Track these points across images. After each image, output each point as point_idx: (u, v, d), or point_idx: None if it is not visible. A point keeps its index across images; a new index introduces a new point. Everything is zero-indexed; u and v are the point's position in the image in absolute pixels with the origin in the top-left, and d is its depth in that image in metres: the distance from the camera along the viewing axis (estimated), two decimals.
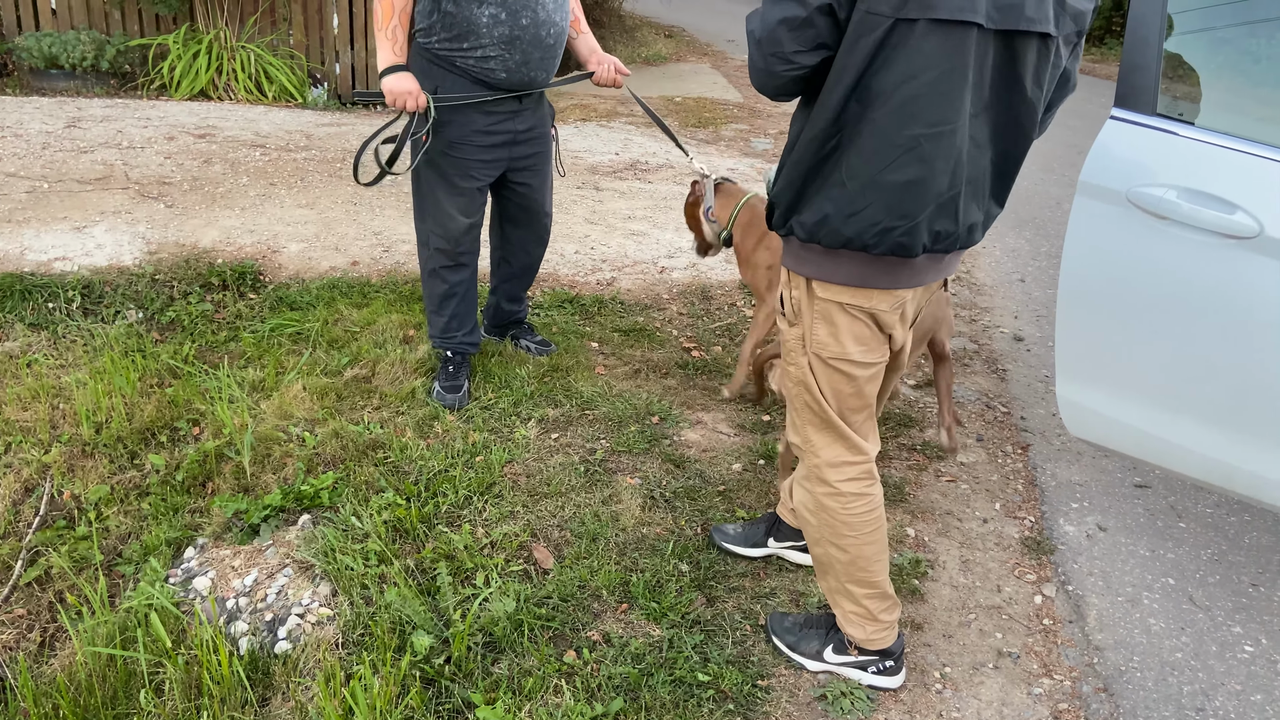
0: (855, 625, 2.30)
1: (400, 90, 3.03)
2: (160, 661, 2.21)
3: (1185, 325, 2.44)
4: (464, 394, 3.44)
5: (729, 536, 2.74)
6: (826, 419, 2.15)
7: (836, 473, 2.19)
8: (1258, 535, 3.11)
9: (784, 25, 1.78)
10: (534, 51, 3.10)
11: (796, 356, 2.14)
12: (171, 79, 7.53)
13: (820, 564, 2.32)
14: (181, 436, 3.13)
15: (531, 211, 3.53)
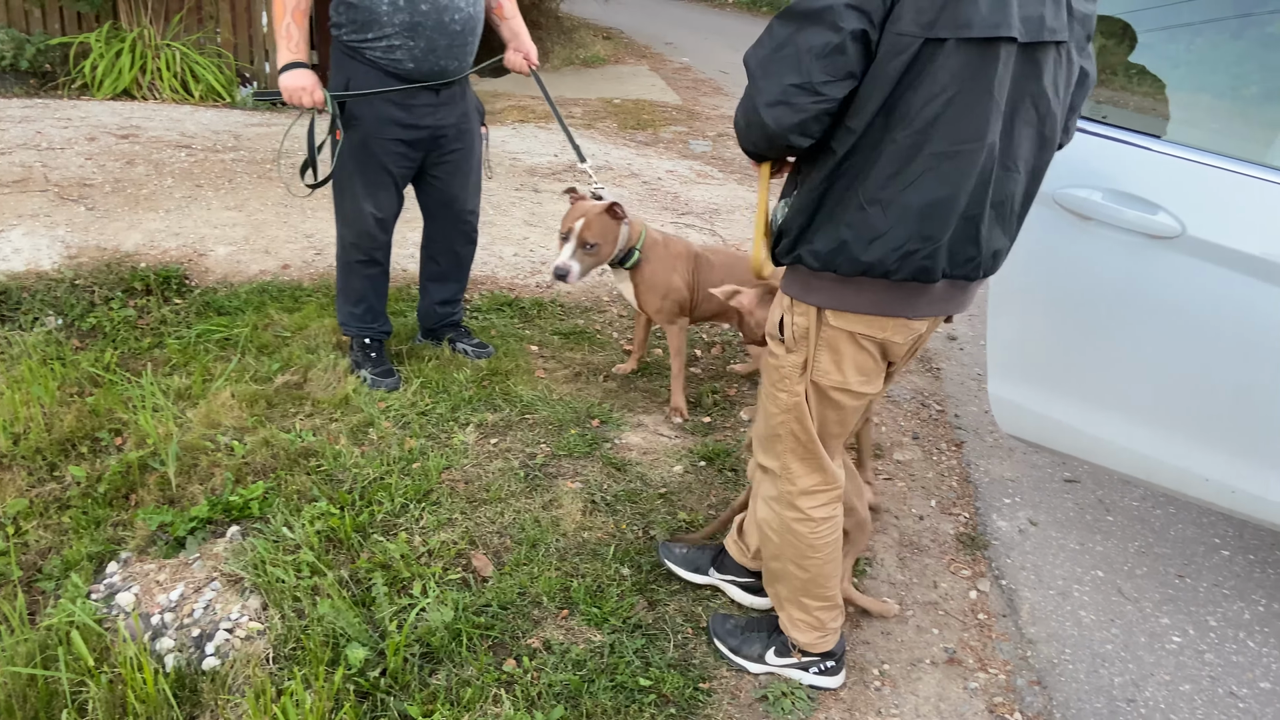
0: (802, 631, 2.31)
1: (294, 87, 3.00)
2: (83, 681, 2.13)
3: (1111, 324, 2.50)
4: (397, 376, 3.49)
5: (674, 557, 2.67)
6: (810, 448, 2.11)
7: (810, 500, 2.17)
8: (1183, 528, 3.20)
9: (812, 54, 1.68)
10: (439, 39, 3.07)
11: (791, 384, 2.07)
12: (93, 78, 7.30)
13: (774, 575, 2.31)
14: (103, 447, 3.02)
15: (453, 209, 3.50)
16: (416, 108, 3.17)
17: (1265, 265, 2.26)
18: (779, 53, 1.72)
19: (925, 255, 1.83)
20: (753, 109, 1.77)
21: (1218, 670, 2.57)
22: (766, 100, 1.74)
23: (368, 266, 3.43)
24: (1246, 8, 3.01)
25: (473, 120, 3.39)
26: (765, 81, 1.73)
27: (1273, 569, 3.02)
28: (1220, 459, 2.44)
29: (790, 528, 2.20)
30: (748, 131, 1.84)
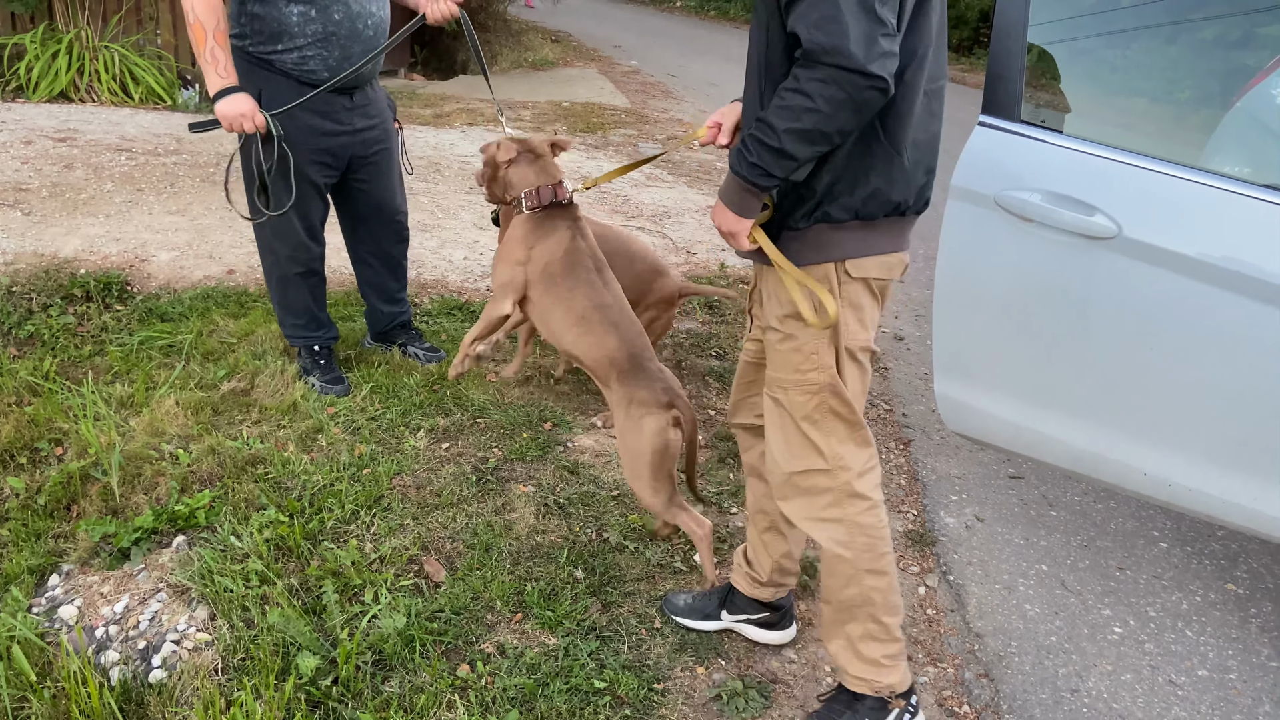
0: (889, 667, 2.10)
1: (234, 114, 2.91)
2: (25, 696, 2.08)
3: (1051, 323, 2.56)
4: (347, 382, 3.47)
5: (679, 610, 2.54)
6: (854, 420, 2.01)
7: (866, 481, 2.03)
8: (1123, 521, 3.28)
9: (881, 4, 1.64)
10: (353, 46, 3.03)
11: (820, 358, 1.96)
12: (29, 80, 7.12)
13: (847, 607, 2.08)
14: (43, 457, 2.95)
15: (382, 210, 3.46)
16: (335, 114, 3.12)
17: (1199, 265, 2.33)
18: (853, 9, 1.62)
19: (929, 186, 1.95)
20: (854, 75, 1.62)
21: (1158, 659, 2.64)
22: (868, 55, 1.61)
23: (307, 278, 3.39)
24: (1180, 14, 3.10)
25: (388, 119, 3.36)
26: (857, 45, 1.61)
27: (1209, 560, 3.11)
28: (1157, 454, 2.51)
29: (860, 524, 2.02)
30: (844, 109, 1.66)
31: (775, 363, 2.04)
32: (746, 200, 1.84)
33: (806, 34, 1.64)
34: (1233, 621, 2.83)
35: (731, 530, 2.95)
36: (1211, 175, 2.37)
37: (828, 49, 1.62)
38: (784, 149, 1.71)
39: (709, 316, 4.55)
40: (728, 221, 1.89)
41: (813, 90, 1.65)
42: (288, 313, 3.45)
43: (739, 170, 1.80)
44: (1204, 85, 3.23)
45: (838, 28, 1.62)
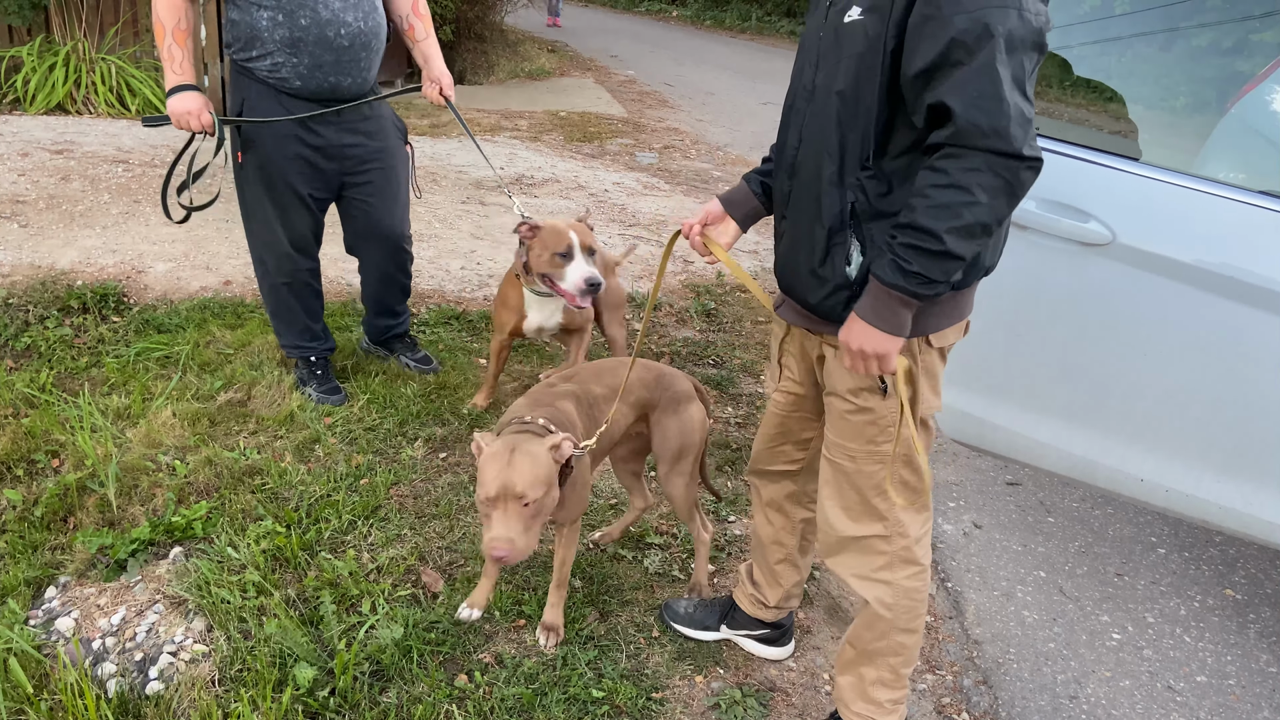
0: (895, 710, 2.11)
1: (180, 111, 2.93)
2: (22, 709, 2.07)
3: (1048, 329, 2.56)
4: (343, 393, 3.46)
5: (678, 616, 2.53)
6: (921, 489, 1.93)
7: (921, 547, 1.97)
8: (1121, 527, 3.28)
9: (1027, 77, 1.56)
10: (323, 54, 2.97)
11: (895, 431, 1.86)
12: (26, 93, 7.12)
13: (869, 656, 2.07)
14: (40, 469, 2.95)
15: (379, 232, 3.37)
16: (315, 125, 3.07)
17: (1194, 271, 2.34)
18: (1011, 87, 1.53)
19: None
20: (1013, 160, 1.53)
21: (1156, 665, 2.64)
22: (1025, 138, 1.53)
23: (294, 290, 3.35)
24: (1174, 22, 3.12)
25: (389, 138, 3.27)
26: (1017, 126, 1.52)
27: (1207, 565, 3.11)
28: (1154, 459, 2.51)
29: (906, 588, 1.98)
30: (1004, 196, 1.55)
31: (843, 431, 1.92)
32: (901, 315, 1.66)
33: (963, 110, 1.52)
34: (1231, 627, 2.83)
35: (730, 539, 2.95)
36: (1206, 181, 2.38)
37: (987, 131, 1.51)
38: (949, 250, 1.56)
39: (706, 325, 4.56)
40: (877, 343, 1.68)
41: (969, 182, 1.53)
42: (281, 323, 3.44)
43: (896, 283, 1.61)
44: (1199, 92, 3.25)
45: (1000, 107, 1.51)
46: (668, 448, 2.51)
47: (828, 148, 1.74)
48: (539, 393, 2.36)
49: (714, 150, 8.50)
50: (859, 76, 1.67)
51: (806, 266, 1.83)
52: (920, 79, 1.58)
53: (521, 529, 1.99)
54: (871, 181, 1.71)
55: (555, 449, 2.04)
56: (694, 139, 8.87)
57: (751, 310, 4.81)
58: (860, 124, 1.70)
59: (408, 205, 3.46)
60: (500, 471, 1.99)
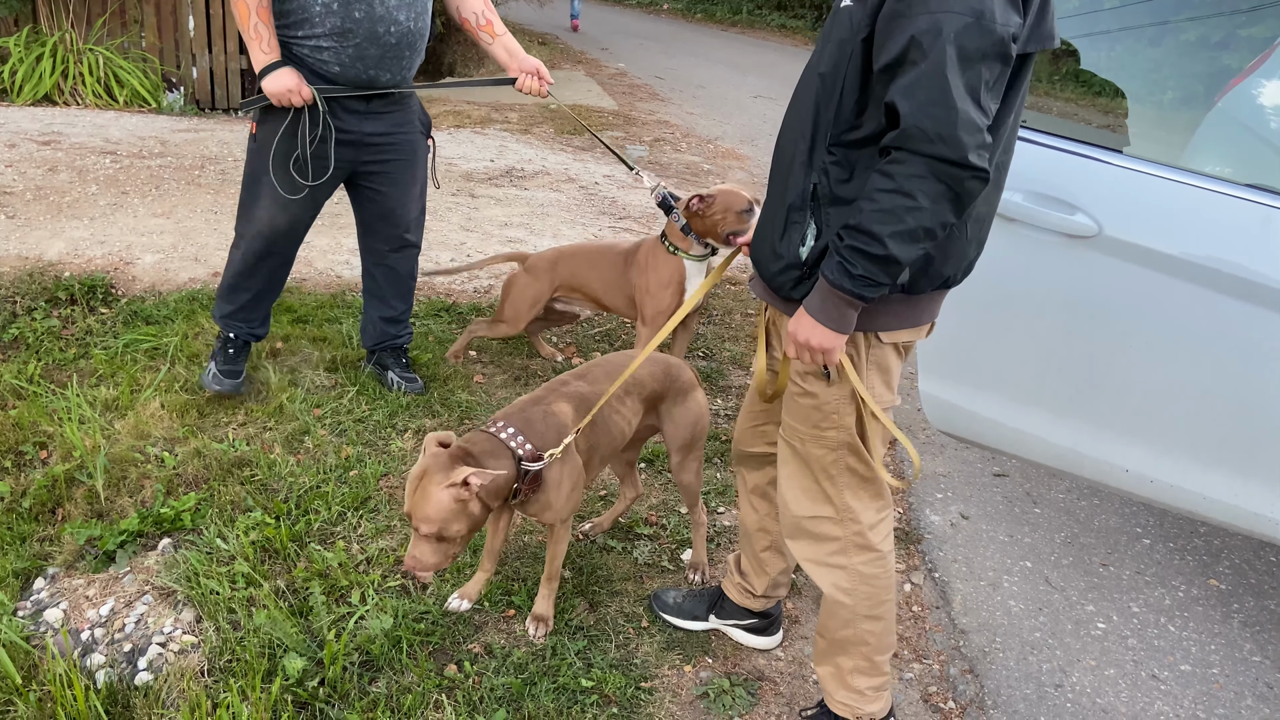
0: (875, 698, 2.12)
1: (281, 90, 2.90)
2: (10, 700, 2.07)
3: (1035, 322, 2.58)
4: (242, 379, 3.33)
5: (667, 607, 2.54)
6: (869, 476, 1.96)
7: (877, 533, 2.00)
8: (1106, 518, 3.31)
9: (987, 87, 1.55)
10: (369, 49, 2.96)
11: (840, 418, 1.90)
12: (13, 83, 7.08)
13: (840, 645, 2.09)
14: (28, 461, 2.94)
15: (390, 222, 3.33)
16: (343, 112, 3.05)
17: (1180, 264, 2.36)
18: (962, 95, 1.52)
19: (977, 259, 1.88)
20: (956, 168, 1.53)
21: (1140, 655, 2.67)
22: (972, 147, 1.53)
23: (269, 259, 3.24)
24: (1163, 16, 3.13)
25: (412, 131, 3.25)
26: (965, 133, 1.52)
27: (1191, 556, 3.14)
28: (1139, 450, 2.53)
29: (863, 574, 2.01)
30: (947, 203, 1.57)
31: (793, 413, 1.98)
32: (847, 315, 1.70)
33: (910, 114, 1.52)
34: (1215, 616, 2.85)
35: (720, 529, 2.96)
36: (1193, 175, 2.40)
37: (932, 136, 1.51)
38: (890, 255, 1.59)
39: (697, 318, 4.56)
40: (821, 338, 1.72)
41: (913, 188, 1.55)
42: (230, 290, 3.28)
43: (841, 285, 1.65)
44: (1186, 86, 3.26)
45: (947, 115, 1.50)
46: (679, 437, 2.54)
47: (803, 128, 1.77)
48: (543, 392, 2.36)
49: (705, 143, 8.50)
50: (837, 61, 1.69)
51: (769, 240, 1.86)
52: (884, 74, 1.60)
53: (428, 550, 2.08)
54: (835, 166, 1.73)
55: (458, 485, 2.04)
56: (685, 132, 8.87)
57: (741, 303, 4.82)
58: (832, 108, 1.72)
59: (422, 199, 3.41)
60: (409, 495, 2.08)
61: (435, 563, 2.09)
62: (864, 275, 1.63)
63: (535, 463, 2.16)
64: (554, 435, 2.24)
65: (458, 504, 2.05)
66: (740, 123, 9.61)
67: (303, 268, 4.54)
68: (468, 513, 2.07)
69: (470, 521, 2.09)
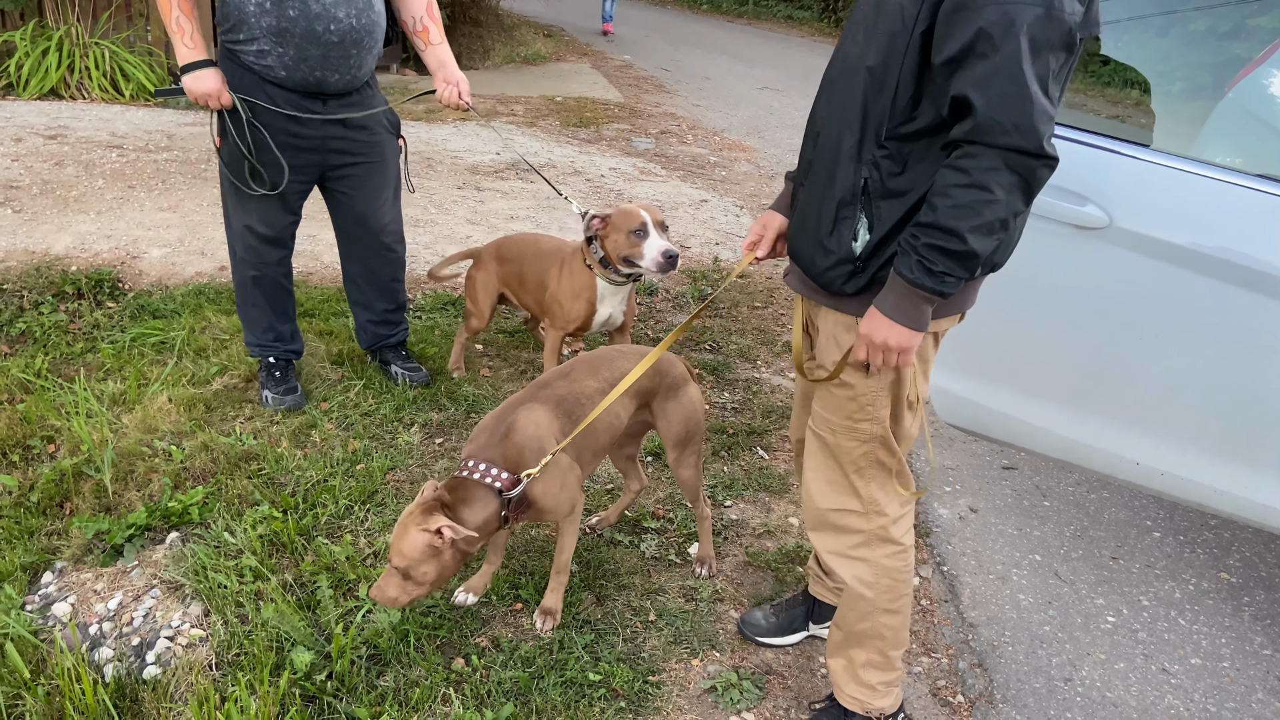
0: (885, 693, 2.13)
1: (199, 92, 2.86)
2: (19, 694, 2.08)
3: (1044, 314, 2.56)
4: (300, 394, 3.32)
5: (761, 630, 2.48)
6: (900, 470, 1.97)
7: (900, 526, 2.01)
8: (1116, 511, 3.29)
9: (1053, 77, 1.56)
10: (310, 49, 2.86)
11: (875, 410, 1.89)
12: (19, 78, 7.08)
13: (856, 639, 2.09)
14: (35, 455, 2.94)
15: (364, 225, 3.27)
16: (300, 118, 2.97)
17: (1190, 255, 2.34)
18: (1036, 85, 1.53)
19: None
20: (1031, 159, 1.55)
21: (1150, 648, 2.65)
22: (1045, 136, 1.55)
23: (262, 284, 3.24)
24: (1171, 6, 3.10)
25: (377, 133, 3.16)
26: (1041, 124, 1.54)
27: (1202, 549, 3.12)
28: (1149, 443, 2.51)
29: (885, 567, 2.01)
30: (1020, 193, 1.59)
31: (826, 405, 1.95)
32: (924, 312, 1.69)
33: (985, 106, 1.53)
34: (1226, 610, 2.84)
35: (726, 523, 2.95)
36: (1203, 165, 2.38)
37: (1009, 127, 1.53)
38: (971, 250, 1.60)
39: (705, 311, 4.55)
40: (899, 337, 1.71)
41: (988, 181, 1.56)
42: (247, 319, 3.33)
43: (922, 283, 1.64)
44: (1195, 76, 3.24)
45: (1024, 106, 1.52)
46: (673, 433, 2.52)
47: (850, 122, 1.74)
48: (522, 396, 2.35)
49: (711, 135, 8.48)
50: (889, 54, 1.67)
51: (815, 236, 1.83)
52: (946, 67, 1.59)
53: (396, 583, 2.11)
54: (886, 160, 1.72)
55: (432, 532, 2.07)
56: (691, 124, 8.84)
57: (748, 295, 4.81)
58: (882, 101, 1.70)
59: (397, 201, 3.34)
60: (394, 532, 2.11)
61: (394, 597, 2.11)
62: (945, 272, 1.63)
63: (515, 488, 2.17)
64: (532, 447, 2.22)
65: (429, 549, 2.07)
66: (747, 115, 9.58)
67: (309, 262, 4.54)
68: (440, 559, 2.09)
69: (440, 568, 2.11)
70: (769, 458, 3.37)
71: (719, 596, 2.63)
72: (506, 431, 2.23)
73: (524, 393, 2.36)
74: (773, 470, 3.26)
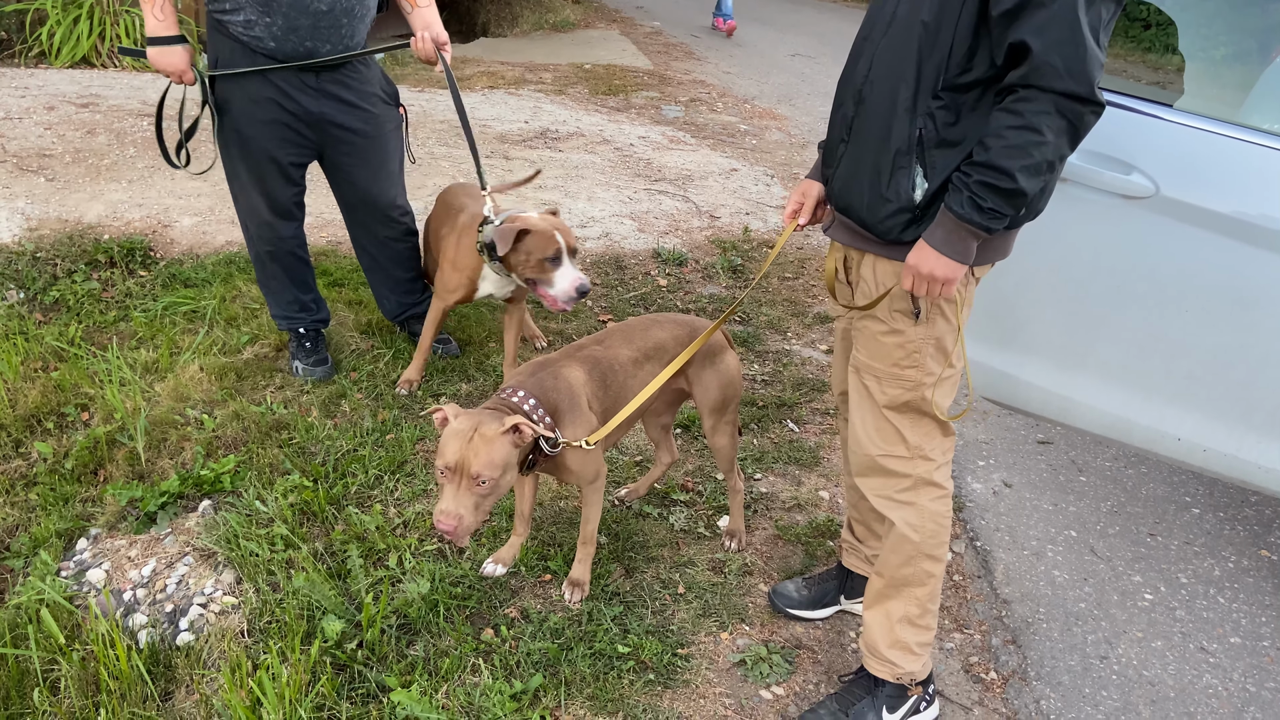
0: (917, 654, 2.13)
1: (164, 66, 2.85)
2: (54, 659, 2.10)
3: (1085, 285, 2.50)
4: (330, 364, 3.32)
5: (792, 601, 2.49)
6: (942, 418, 2.00)
7: (943, 471, 2.04)
8: (1154, 487, 3.23)
9: (1104, 26, 1.63)
10: (299, 19, 2.80)
11: (923, 358, 1.93)
12: (51, 46, 7.10)
13: (898, 585, 2.10)
14: (70, 422, 2.97)
15: (369, 200, 3.23)
16: (292, 90, 2.92)
17: (1236, 224, 2.27)
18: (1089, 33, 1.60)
19: None
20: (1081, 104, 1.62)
21: (1189, 626, 2.61)
22: (1096, 83, 1.61)
23: (278, 258, 3.22)
24: None
25: (373, 105, 3.10)
26: (1094, 71, 1.61)
27: (1242, 526, 3.06)
28: (1191, 418, 2.46)
29: (931, 510, 2.03)
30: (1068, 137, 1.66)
31: (871, 350, 1.99)
32: (970, 246, 1.76)
33: (1043, 50, 1.60)
34: (1266, 588, 2.78)
35: (756, 495, 2.93)
36: (1250, 131, 2.30)
37: (1063, 72, 1.59)
38: (1020, 188, 1.67)
39: (732, 281, 4.51)
40: (946, 269, 1.78)
41: (1040, 124, 1.63)
42: (269, 294, 3.32)
43: (971, 218, 1.71)
44: (1241, 41, 3.14)
45: (1076, 51, 1.59)
46: (710, 400, 2.50)
47: (905, 75, 1.79)
48: (557, 355, 2.33)
49: (741, 103, 8.37)
50: (942, 8, 1.73)
51: (871, 188, 1.88)
52: (1005, 18, 1.64)
53: (471, 506, 2.00)
54: (941, 111, 1.77)
55: (511, 431, 2.02)
56: (721, 91, 8.73)
57: (778, 266, 4.75)
58: (937, 55, 1.75)
59: (400, 173, 3.29)
60: (461, 448, 1.99)
61: (473, 521, 2.01)
62: (993, 208, 1.70)
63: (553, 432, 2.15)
64: (565, 399, 2.22)
65: (513, 451, 2.03)
66: (778, 82, 9.44)
67: (338, 231, 4.53)
68: (514, 465, 2.06)
69: (512, 476, 2.07)
70: (799, 431, 3.33)
71: (748, 570, 2.61)
72: (546, 378, 2.22)
73: (558, 354, 2.33)
74: (803, 443, 3.23)
